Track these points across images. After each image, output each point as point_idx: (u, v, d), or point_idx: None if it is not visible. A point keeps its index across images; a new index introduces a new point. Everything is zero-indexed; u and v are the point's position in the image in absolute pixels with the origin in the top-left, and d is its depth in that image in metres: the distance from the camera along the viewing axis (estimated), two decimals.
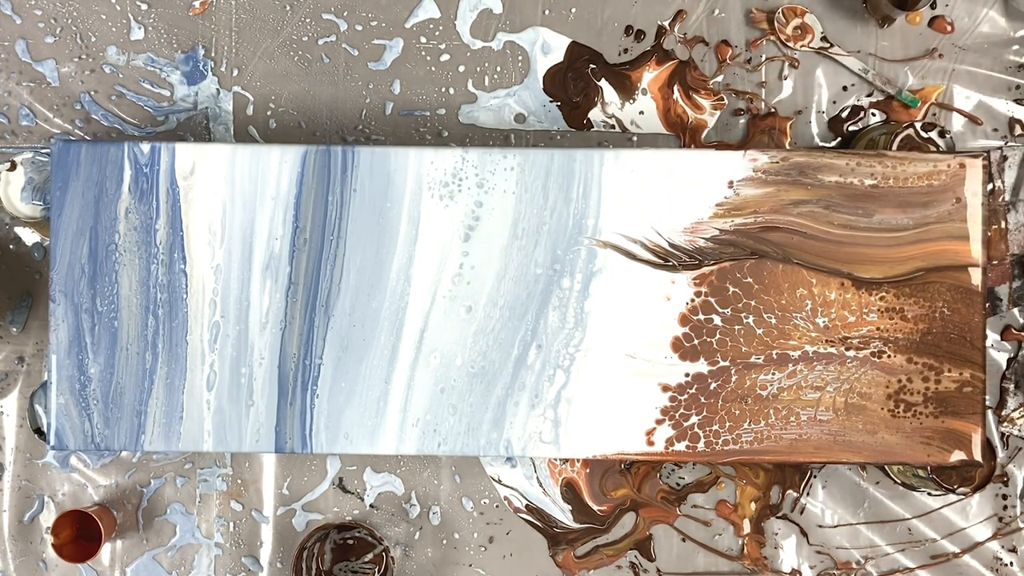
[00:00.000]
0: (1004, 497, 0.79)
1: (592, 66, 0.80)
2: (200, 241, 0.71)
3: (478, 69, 0.80)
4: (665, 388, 0.71)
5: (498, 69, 0.80)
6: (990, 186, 0.77)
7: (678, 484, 0.80)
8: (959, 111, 0.80)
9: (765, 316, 0.71)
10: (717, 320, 0.71)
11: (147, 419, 0.72)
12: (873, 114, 0.80)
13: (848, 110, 0.80)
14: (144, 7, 0.80)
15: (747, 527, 0.80)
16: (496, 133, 0.80)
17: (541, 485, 0.80)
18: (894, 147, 0.75)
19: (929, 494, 0.78)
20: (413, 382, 0.72)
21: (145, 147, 0.71)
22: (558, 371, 0.71)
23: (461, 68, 0.80)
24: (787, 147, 0.80)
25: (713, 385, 0.71)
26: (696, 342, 0.71)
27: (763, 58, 0.80)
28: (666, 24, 0.80)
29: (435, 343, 0.71)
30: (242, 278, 0.72)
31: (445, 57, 0.80)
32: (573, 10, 0.80)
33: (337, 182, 0.71)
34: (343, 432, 0.72)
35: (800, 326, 0.71)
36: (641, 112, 0.80)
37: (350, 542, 0.80)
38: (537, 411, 0.71)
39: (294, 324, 0.71)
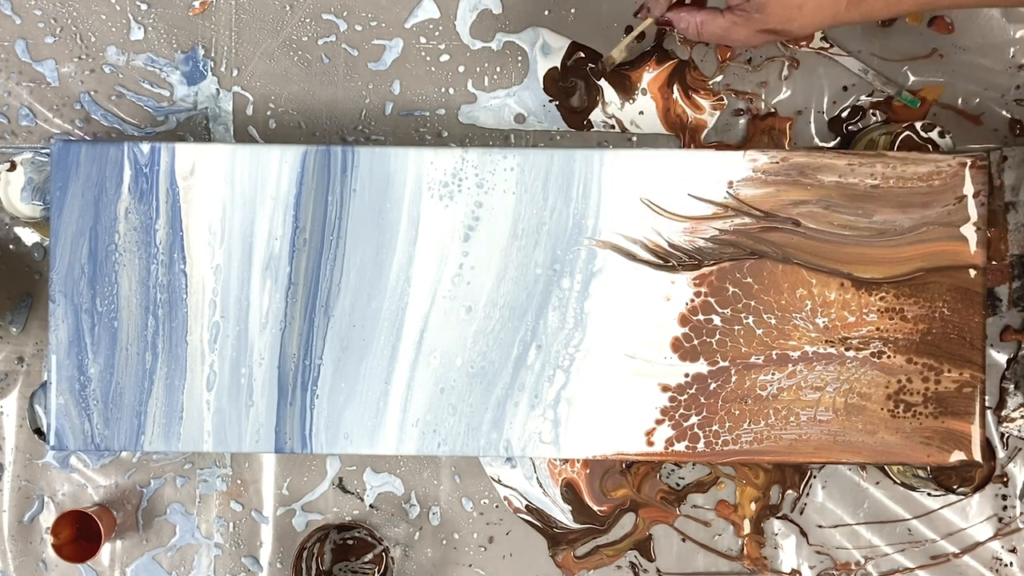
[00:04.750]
0: (1004, 497, 0.79)
1: (591, 66, 0.80)
2: (200, 241, 0.71)
3: (478, 69, 0.80)
4: (665, 388, 0.71)
5: (498, 69, 0.80)
6: (990, 186, 0.77)
7: (678, 484, 0.80)
8: (959, 111, 0.80)
9: (765, 316, 0.71)
10: (717, 320, 0.71)
11: (147, 419, 0.72)
12: (873, 114, 0.80)
13: (848, 110, 0.80)
14: (144, 7, 0.80)
15: (747, 527, 0.80)
16: (496, 133, 0.80)
17: (541, 485, 0.80)
18: (894, 147, 0.75)
19: (929, 494, 0.78)
20: (413, 382, 0.72)
21: (145, 147, 0.71)
22: (558, 371, 0.71)
23: (461, 68, 0.80)
24: (787, 147, 0.80)
25: (713, 385, 0.71)
26: (696, 342, 0.71)
27: (763, 58, 0.80)
28: None
29: (435, 343, 0.71)
30: (242, 278, 0.72)
31: (445, 57, 0.80)
32: (573, 10, 0.80)
33: (337, 182, 0.71)
34: (343, 432, 0.72)
35: (800, 326, 0.71)
36: (641, 112, 0.80)
37: (350, 542, 0.80)
38: (537, 411, 0.71)
39: (294, 324, 0.71)
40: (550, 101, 0.80)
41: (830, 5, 0.62)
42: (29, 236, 0.81)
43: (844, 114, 0.80)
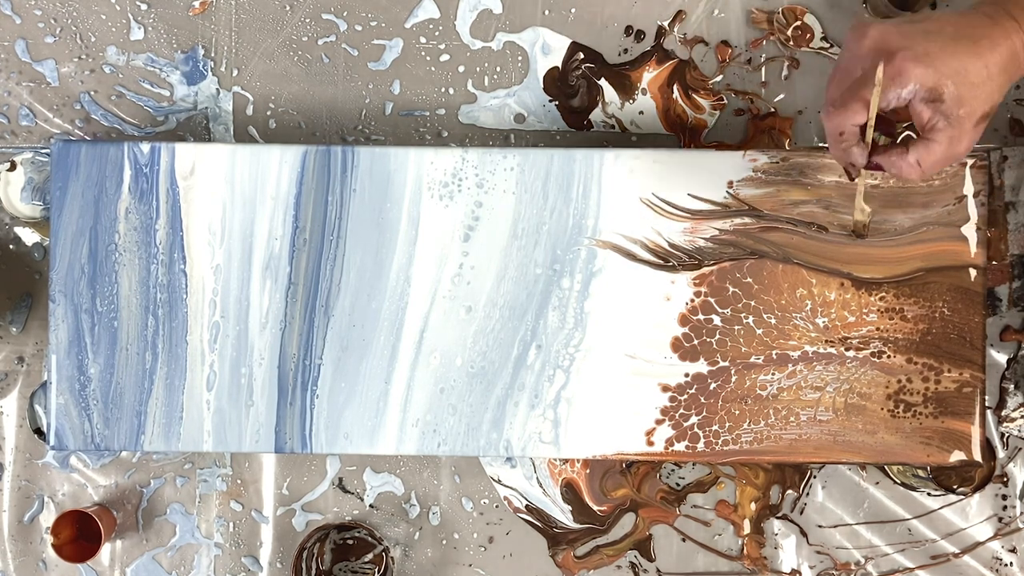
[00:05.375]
0: (1004, 497, 0.79)
1: (590, 65, 0.80)
2: (200, 241, 0.72)
3: (478, 69, 0.80)
4: (665, 388, 0.71)
5: (498, 69, 0.80)
6: (990, 186, 0.77)
7: (678, 484, 0.80)
8: None
9: (765, 316, 0.71)
10: (717, 320, 0.71)
11: (147, 419, 0.72)
12: None
13: None
14: (144, 7, 0.80)
15: (747, 527, 0.80)
16: (496, 133, 0.80)
17: (541, 485, 0.80)
18: None
19: (929, 494, 0.78)
20: (413, 382, 0.72)
21: (145, 147, 0.71)
22: (558, 371, 0.71)
23: (461, 68, 0.80)
24: (787, 147, 0.80)
25: (713, 385, 0.71)
26: (696, 342, 0.71)
27: (763, 58, 0.80)
28: (666, 24, 0.80)
29: (435, 343, 0.71)
30: (242, 278, 0.72)
31: (445, 57, 0.80)
32: (573, 10, 0.80)
33: (337, 182, 0.71)
34: (343, 432, 0.72)
35: (800, 326, 0.71)
36: (641, 112, 0.80)
37: (350, 542, 0.80)
38: (537, 411, 0.71)
39: (294, 324, 0.72)
40: (550, 101, 0.80)
41: (1010, 58, 0.56)
42: (29, 236, 0.81)
43: None
